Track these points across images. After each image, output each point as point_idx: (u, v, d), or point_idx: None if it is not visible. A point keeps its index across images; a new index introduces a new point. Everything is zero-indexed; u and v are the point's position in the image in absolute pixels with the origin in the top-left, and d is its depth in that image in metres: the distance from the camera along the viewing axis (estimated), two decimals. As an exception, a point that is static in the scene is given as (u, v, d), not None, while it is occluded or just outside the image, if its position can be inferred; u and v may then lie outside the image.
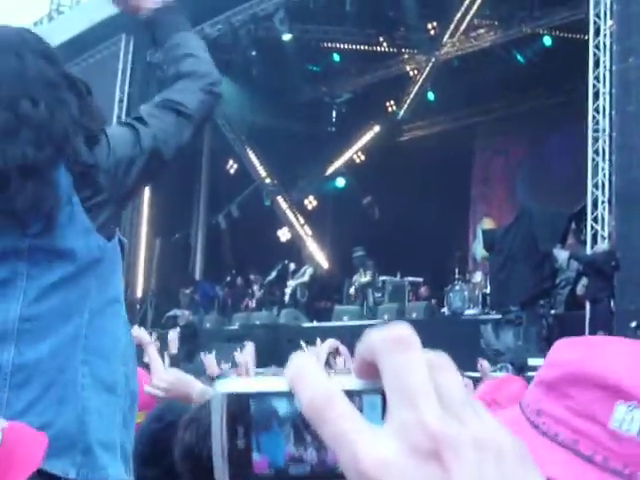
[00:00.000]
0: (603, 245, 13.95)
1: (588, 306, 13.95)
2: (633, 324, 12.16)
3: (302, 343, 7.06)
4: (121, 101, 22.59)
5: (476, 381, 11.59)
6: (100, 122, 2.25)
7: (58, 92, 2.16)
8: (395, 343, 0.61)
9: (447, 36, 22.10)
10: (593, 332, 13.42)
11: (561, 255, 13.88)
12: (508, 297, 14.19)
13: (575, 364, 1.19)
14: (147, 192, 23.37)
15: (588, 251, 14.35)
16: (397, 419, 0.58)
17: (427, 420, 0.57)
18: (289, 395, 0.63)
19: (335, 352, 6.65)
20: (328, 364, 6.44)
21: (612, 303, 13.45)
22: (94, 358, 2.12)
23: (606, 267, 13.42)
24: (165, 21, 2.62)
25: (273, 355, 13.58)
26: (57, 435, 1.99)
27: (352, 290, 20.42)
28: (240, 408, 0.65)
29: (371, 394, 0.63)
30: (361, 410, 0.62)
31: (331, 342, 6.61)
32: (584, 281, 14.35)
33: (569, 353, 1.23)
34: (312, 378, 0.61)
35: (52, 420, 2.03)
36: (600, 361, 1.17)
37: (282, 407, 0.65)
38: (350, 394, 0.62)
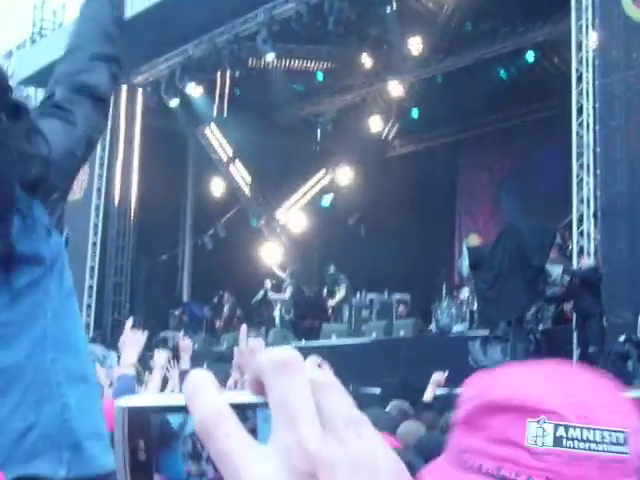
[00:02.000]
0: (589, 261, 13.97)
1: (575, 322, 13.95)
2: (622, 338, 12.18)
3: None
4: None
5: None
6: (31, 121, 2.16)
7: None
8: (280, 365, 0.62)
9: (430, 53, 22.17)
10: (585, 348, 13.43)
11: (555, 270, 13.87)
12: (498, 314, 14.16)
13: (482, 395, 1.26)
14: (133, 213, 23.35)
15: (574, 265, 14.38)
16: (279, 439, 0.60)
17: (305, 440, 0.59)
18: (187, 411, 0.64)
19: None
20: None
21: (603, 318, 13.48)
22: (63, 354, 2.10)
23: (598, 282, 13.46)
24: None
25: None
26: (41, 436, 1.99)
27: (329, 310, 20.44)
28: (140, 422, 0.65)
29: (264, 407, 0.64)
30: (255, 423, 0.65)
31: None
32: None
33: (475, 387, 1.30)
34: (204, 396, 0.62)
35: (34, 422, 2.01)
36: (502, 387, 1.25)
37: (183, 422, 0.66)
38: (245, 407, 0.65)
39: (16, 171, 2.03)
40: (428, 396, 8.29)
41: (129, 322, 4.95)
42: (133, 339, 4.83)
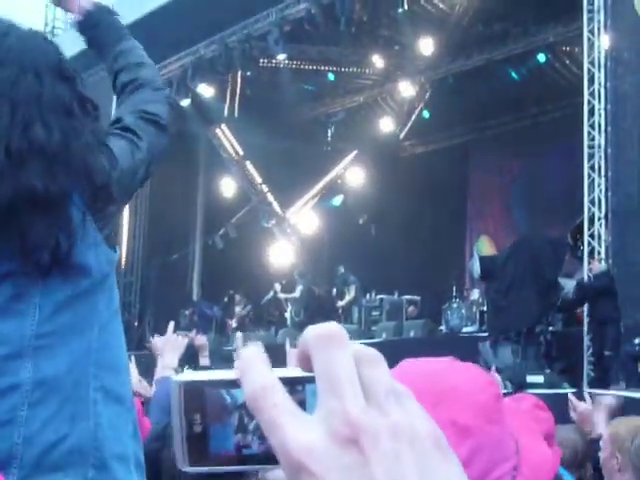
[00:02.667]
0: (601, 265, 13.90)
1: (587, 325, 13.87)
2: (637, 340, 12.12)
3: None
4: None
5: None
6: (104, 136, 2.25)
7: (73, 119, 2.11)
8: (325, 339, 0.67)
9: (442, 54, 22.16)
10: (601, 352, 13.35)
11: (568, 284, 13.80)
12: (509, 324, 14.07)
13: None
14: (145, 213, 23.37)
15: (585, 267, 14.32)
16: (324, 407, 0.64)
17: (349, 409, 0.63)
18: (239, 385, 0.69)
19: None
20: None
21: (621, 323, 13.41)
22: (104, 372, 2.11)
23: (613, 286, 13.40)
24: (109, 23, 2.60)
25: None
26: (70, 450, 2.00)
27: (339, 310, 20.43)
28: (196, 396, 0.71)
29: (312, 382, 0.68)
30: (304, 397, 0.70)
31: None
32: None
33: None
34: (255, 370, 0.67)
35: (66, 435, 2.01)
36: None
37: (233, 396, 0.71)
38: (294, 382, 0.69)
39: (78, 161, 2.05)
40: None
41: (171, 326, 5.00)
42: (175, 343, 4.89)
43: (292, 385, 0.69)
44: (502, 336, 14.41)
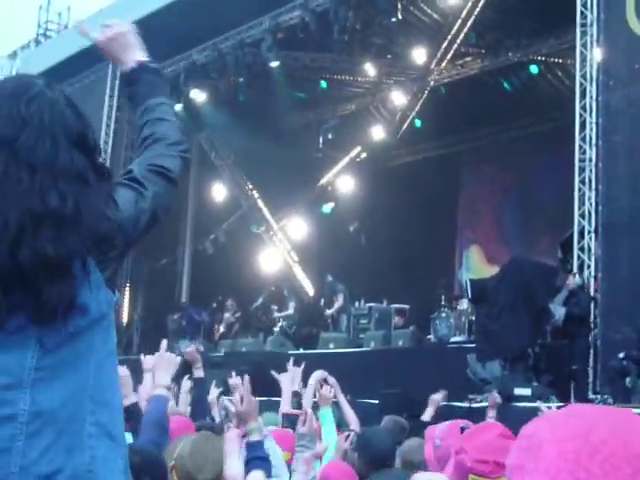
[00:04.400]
0: (576, 280, 13.95)
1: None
2: (622, 355, 12.14)
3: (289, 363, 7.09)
4: (108, 126, 22.64)
5: (468, 410, 11.58)
6: (112, 185, 2.36)
7: (86, 187, 2.20)
8: None
9: (434, 64, 22.21)
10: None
11: (558, 311, 13.79)
12: (499, 348, 14.01)
13: None
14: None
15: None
16: None
17: None
18: None
19: (324, 382, 6.69)
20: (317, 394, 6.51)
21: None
22: (100, 408, 2.16)
23: (587, 303, 13.57)
24: (147, 81, 2.71)
25: (259, 382, 13.52)
26: None
27: (328, 319, 20.37)
28: None
29: None
30: None
31: (319, 373, 6.66)
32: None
33: None
34: None
35: (61, 468, 2.06)
36: None
37: None
38: None
39: (88, 227, 2.15)
40: (427, 416, 8.27)
41: (164, 343, 5.00)
42: (167, 361, 4.87)
43: None
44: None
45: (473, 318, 16.82)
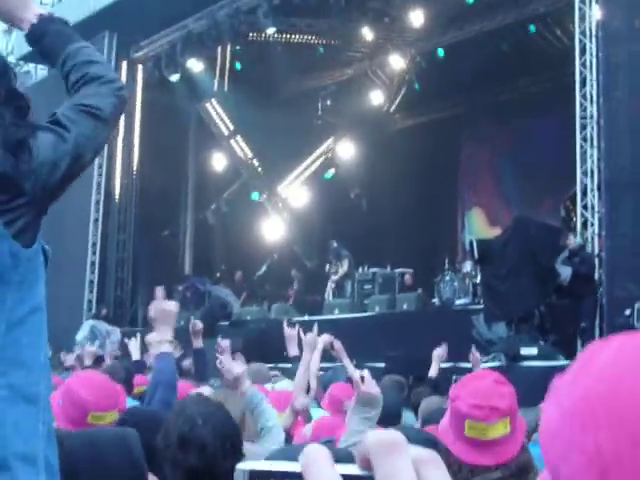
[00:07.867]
0: (577, 240, 13.96)
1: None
2: (627, 312, 12.15)
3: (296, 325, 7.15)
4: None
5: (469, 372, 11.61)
6: (28, 130, 2.20)
7: None
8: (386, 446, 0.74)
9: (431, 26, 22.05)
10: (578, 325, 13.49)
11: (564, 271, 13.77)
12: (506, 311, 14.00)
13: None
14: (135, 188, 23.30)
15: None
16: None
17: None
18: (302, 478, 0.76)
19: (330, 347, 6.74)
20: (325, 356, 6.59)
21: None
22: (13, 369, 2.02)
23: (591, 262, 13.54)
24: (56, 30, 2.55)
25: (264, 350, 13.54)
26: None
27: (332, 285, 20.38)
28: None
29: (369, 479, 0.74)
30: None
31: (326, 337, 6.67)
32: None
33: None
34: (319, 466, 0.74)
35: None
36: None
37: None
38: (353, 479, 0.77)
39: None
40: (433, 372, 8.33)
41: (159, 291, 4.80)
42: (164, 313, 4.70)
43: None
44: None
45: (477, 280, 16.84)
